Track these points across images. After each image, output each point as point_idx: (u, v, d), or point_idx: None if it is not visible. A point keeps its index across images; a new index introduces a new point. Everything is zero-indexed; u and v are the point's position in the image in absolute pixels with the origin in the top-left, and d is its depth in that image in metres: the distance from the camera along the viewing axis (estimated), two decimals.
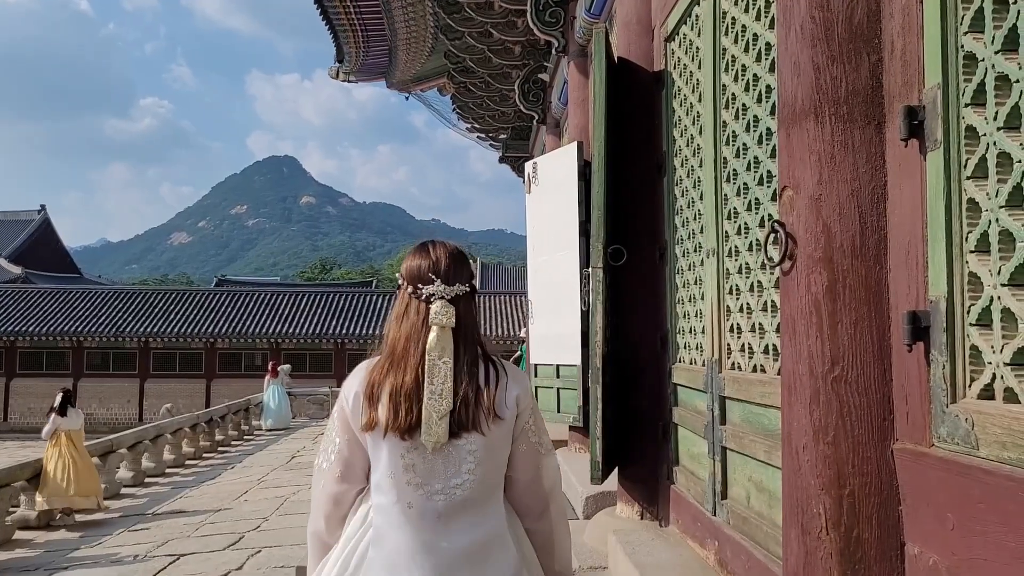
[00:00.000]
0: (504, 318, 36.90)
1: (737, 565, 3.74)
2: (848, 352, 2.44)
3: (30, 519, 9.22)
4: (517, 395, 2.01)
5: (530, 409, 2.06)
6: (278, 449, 15.24)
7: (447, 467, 1.92)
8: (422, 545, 1.89)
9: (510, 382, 2.02)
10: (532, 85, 13.18)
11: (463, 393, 1.92)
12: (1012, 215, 1.95)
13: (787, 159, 2.68)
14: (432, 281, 1.98)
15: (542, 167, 8.52)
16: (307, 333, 35.70)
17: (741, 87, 3.88)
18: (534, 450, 2.07)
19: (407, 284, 2.02)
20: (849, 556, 2.39)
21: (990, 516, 1.93)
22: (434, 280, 1.98)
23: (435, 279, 1.99)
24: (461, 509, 1.92)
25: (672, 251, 5.17)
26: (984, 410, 2.01)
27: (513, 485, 2.07)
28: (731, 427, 3.98)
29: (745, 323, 3.83)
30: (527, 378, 2.16)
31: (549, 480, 2.12)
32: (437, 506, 1.91)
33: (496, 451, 1.98)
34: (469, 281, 2.05)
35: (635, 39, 5.65)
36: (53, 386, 11.48)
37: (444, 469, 1.92)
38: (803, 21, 2.58)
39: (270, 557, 6.63)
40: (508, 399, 1.99)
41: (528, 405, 2.05)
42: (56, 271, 48.27)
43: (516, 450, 2.04)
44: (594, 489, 6.06)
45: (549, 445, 2.13)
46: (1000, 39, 1.98)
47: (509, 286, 48.15)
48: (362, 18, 13.03)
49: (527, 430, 2.05)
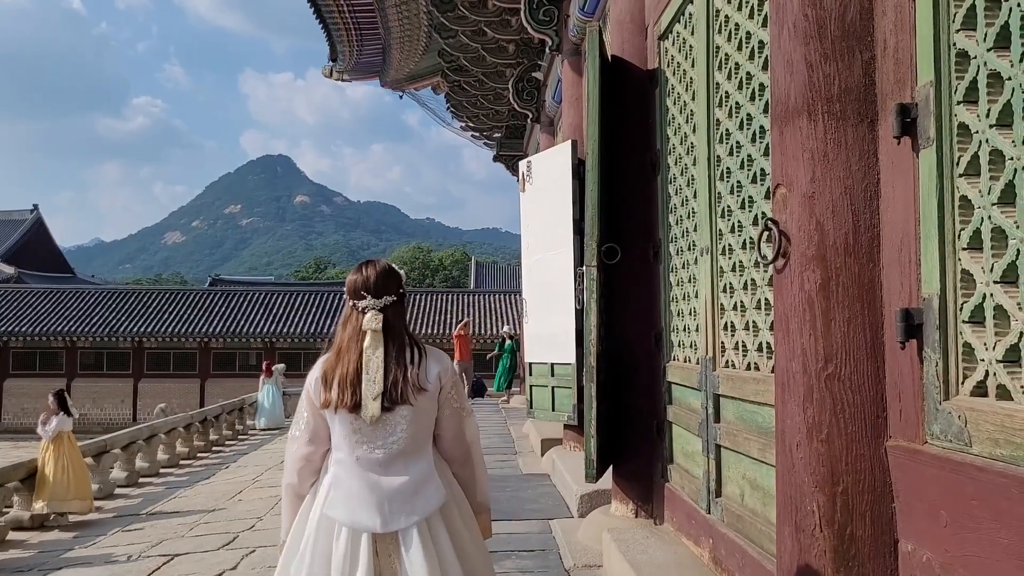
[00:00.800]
0: (499, 317, 36.86)
1: (731, 563, 3.75)
2: (841, 350, 2.44)
3: (23, 520, 9.18)
4: (438, 372, 2.61)
5: (451, 382, 2.66)
6: (272, 449, 15.21)
7: (385, 430, 2.52)
8: (368, 485, 2.51)
9: (431, 363, 2.61)
10: (526, 84, 13.17)
11: (393, 376, 2.51)
12: (1004, 212, 1.95)
13: (780, 157, 2.69)
14: (364, 297, 2.59)
15: (536, 166, 8.51)
16: (302, 332, 35.65)
17: (734, 85, 3.88)
18: (456, 413, 2.67)
19: (348, 298, 2.64)
20: (843, 553, 2.39)
21: (983, 513, 1.94)
22: (366, 296, 2.59)
23: (367, 295, 2.59)
24: (397, 458, 2.54)
25: (666, 249, 5.17)
26: (977, 407, 2.01)
27: (441, 440, 2.68)
28: (725, 425, 3.98)
29: (739, 321, 3.83)
30: (447, 358, 2.73)
31: (470, 435, 2.74)
32: (378, 457, 2.53)
33: (423, 415, 2.57)
34: (396, 291, 2.63)
35: (629, 37, 5.65)
36: (47, 386, 11.43)
37: (383, 432, 2.52)
38: (796, 19, 2.58)
39: (264, 557, 6.61)
40: (431, 376, 2.58)
41: (449, 379, 2.64)
42: (49, 271, 48.09)
43: (442, 414, 2.64)
44: (588, 487, 6.07)
45: (469, 409, 2.77)
46: (992, 37, 1.99)
47: (504, 285, 48.15)
48: (356, 17, 13.01)
49: (450, 398, 2.65)
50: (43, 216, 53.03)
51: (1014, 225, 1.91)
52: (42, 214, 52.94)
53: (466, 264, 71.47)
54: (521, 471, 8.98)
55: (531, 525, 6.23)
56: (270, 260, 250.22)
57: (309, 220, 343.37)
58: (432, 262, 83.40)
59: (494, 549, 5.56)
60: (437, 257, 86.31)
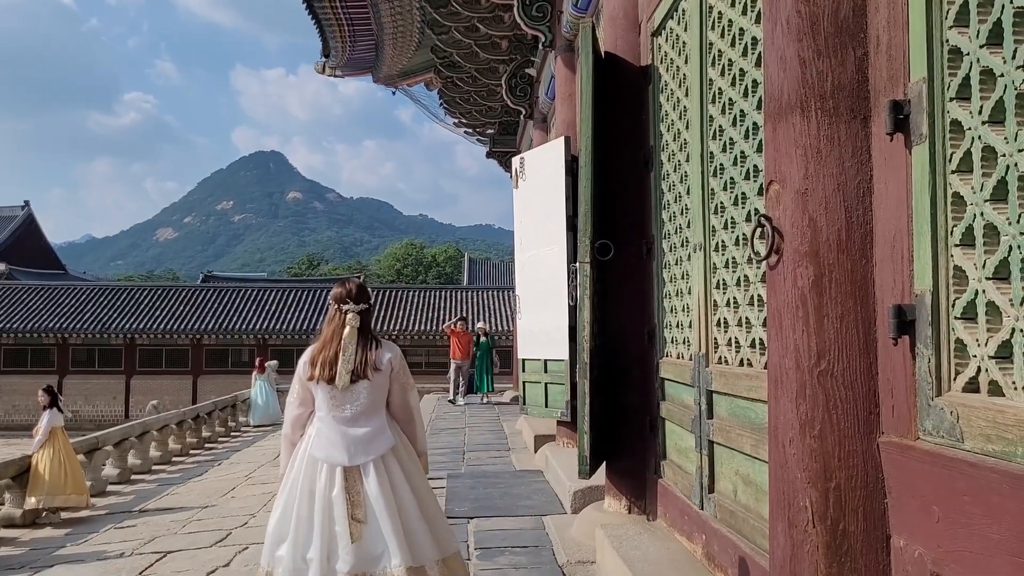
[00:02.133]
0: (492, 314, 36.88)
1: (724, 559, 3.76)
2: (834, 346, 2.45)
3: (15, 517, 9.15)
4: (389, 358, 3.68)
5: (400, 365, 3.73)
6: (265, 445, 15.19)
7: (352, 396, 3.59)
8: (340, 434, 3.58)
9: (384, 351, 3.69)
10: (519, 80, 13.16)
11: (361, 358, 3.58)
12: (996, 209, 1.96)
13: (773, 153, 2.69)
14: (347, 302, 3.66)
15: (529, 162, 8.51)
16: (294, 329, 35.60)
17: (728, 81, 3.88)
18: (403, 387, 3.78)
19: (335, 303, 3.69)
20: (835, 549, 2.40)
21: (975, 508, 1.94)
22: (348, 302, 3.66)
23: (349, 301, 3.67)
24: (360, 416, 3.60)
25: (659, 245, 5.18)
26: (969, 403, 2.02)
27: (392, 406, 3.76)
28: (718, 421, 3.99)
29: (732, 317, 3.84)
30: (397, 348, 3.79)
31: (412, 403, 3.85)
32: (347, 415, 3.59)
33: (378, 388, 3.64)
34: (368, 301, 3.72)
35: (622, 34, 5.65)
36: (38, 383, 11.37)
37: (350, 397, 3.59)
38: (789, 15, 2.58)
39: (257, 554, 6.60)
40: (383, 360, 3.65)
41: (398, 362, 3.72)
42: (40, 267, 47.86)
43: (392, 388, 3.73)
44: (582, 484, 6.08)
45: (412, 384, 3.86)
46: (985, 33, 1.99)
47: (496, 281, 48.12)
48: (348, 13, 12.97)
49: (397, 377, 3.73)
50: (34, 212, 52.77)
51: (1006, 222, 1.92)
52: (33, 210, 52.67)
53: (459, 260, 71.44)
54: (514, 467, 8.99)
55: (524, 521, 6.24)
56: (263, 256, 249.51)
57: (302, 216, 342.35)
58: (425, 258, 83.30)
59: (488, 545, 5.57)
60: (430, 253, 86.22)
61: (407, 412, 3.78)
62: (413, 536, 3.50)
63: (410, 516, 3.53)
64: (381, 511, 3.44)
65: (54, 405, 9.74)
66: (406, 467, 3.61)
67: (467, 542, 5.62)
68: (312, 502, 3.52)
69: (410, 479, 3.59)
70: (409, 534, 3.49)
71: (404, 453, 3.65)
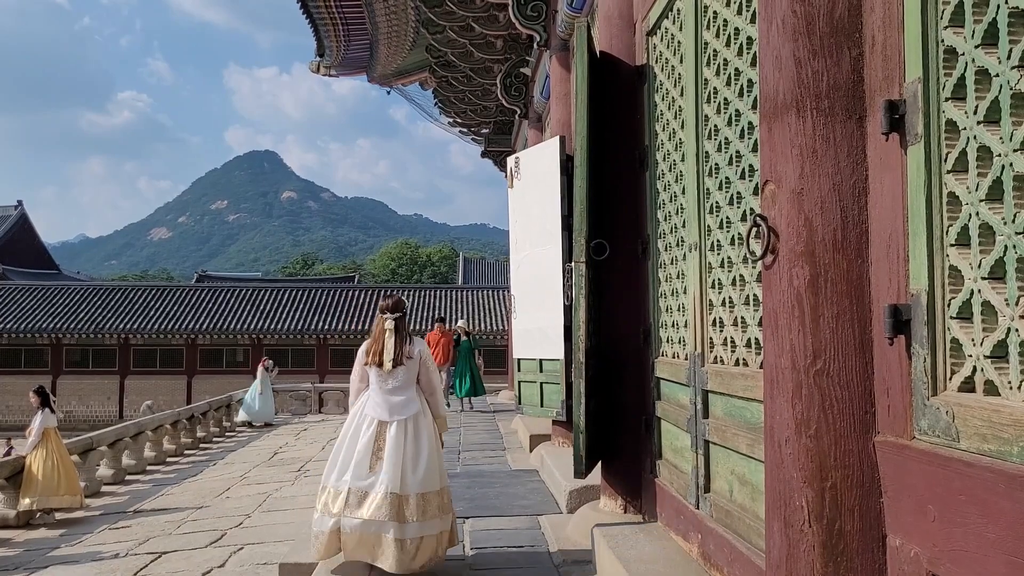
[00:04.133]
0: (486, 313, 36.89)
1: (720, 558, 3.76)
2: (830, 345, 2.45)
3: (9, 518, 9.12)
4: (418, 350, 5.23)
5: (425, 355, 5.30)
6: (261, 445, 15.15)
7: (392, 376, 5.08)
8: (384, 400, 5.06)
9: (415, 345, 5.23)
10: (514, 79, 13.15)
11: (397, 351, 5.11)
12: (992, 209, 1.96)
13: (769, 153, 2.69)
14: (387, 313, 5.25)
15: (524, 161, 8.51)
16: (289, 329, 35.53)
17: (723, 81, 3.88)
18: (427, 370, 5.29)
19: (380, 313, 5.29)
20: (831, 548, 2.40)
21: (970, 508, 1.95)
22: (387, 312, 5.25)
23: (388, 312, 5.25)
24: (397, 389, 5.09)
25: (655, 245, 5.18)
26: (965, 403, 2.02)
27: (421, 383, 5.25)
28: (714, 421, 3.99)
29: (727, 317, 3.84)
30: (423, 342, 5.38)
31: (435, 380, 5.39)
32: (388, 388, 5.08)
33: (410, 370, 5.15)
34: (402, 310, 5.32)
35: (617, 33, 5.64)
36: (32, 384, 11.34)
37: (391, 376, 5.08)
38: (784, 15, 2.58)
39: (252, 554, 6.59)
40: (414, 352, 5.18)
41: (424, 353, 5.29)
42: (34, 267, 47.70)
43: (420, 371, 5.24)
44: (577, 483, 6.08)
45: (434, 367, 5.48)
46: (980, 33, 1.99)
47: (492, 280, 48.12)
48: (343, 12, 12.95)
49: (424, 363, 5.27)
50: (27, 212, 52.59)
51: (1001, 222, 1.92)
52: (26, 210, 52.49)
53: (454, 260, 71.39)
54: (510, 467, 8.99)
55: (520, 521, 6.24)
56: (257, 256, 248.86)
57: (296, 216, 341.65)
58: (420, 258, 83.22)
59: (484, 545, 5.57)
60: (425, 253, 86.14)
61: (431, 387, 5.33)
62: (405, 475, 4.89)
63: (408, 462, 4.93)
64: (390, 454, 4.91)
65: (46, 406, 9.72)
66: (419, 429, 5.05)
67: (463, 542, 5.62)
68: (355, 444, 5.02)
69: (419, 438, 5.02)
70: (404, 473, 4.89)
71: (422, 419, 5.10)
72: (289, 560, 5.48)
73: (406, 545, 4.78)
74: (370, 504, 4.81)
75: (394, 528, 4.76)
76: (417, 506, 4.83)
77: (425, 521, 4.85)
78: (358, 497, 4.85)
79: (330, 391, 24.55)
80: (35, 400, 9.78)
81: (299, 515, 7.68)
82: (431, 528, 4.89)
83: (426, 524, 4.86)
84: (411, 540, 4.80)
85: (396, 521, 4.77)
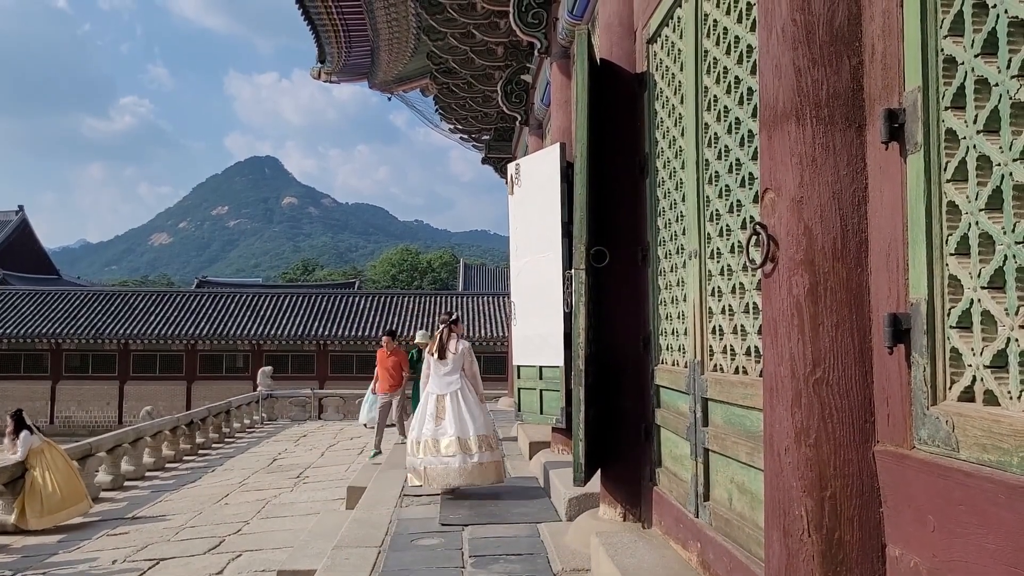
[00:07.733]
0: (487, 319, 36.87)
1: (719, 567, 3.75)
2: (829, 354, 2.45)
3: (7, 524, 9.11)
4: (463, 347, 7.79)
5: (468, 351, 7.84)
6: (260, 452, 15.13)
7: (444, 363, 7.72)
8: (439, 380, 7.71)
9: (460, 343, 7.83)
10: (515, 86, 13.17)
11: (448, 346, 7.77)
12: (992, 218, 1.96)
13: (769, 161, 2.69)
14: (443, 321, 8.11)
15: (525, 168, 8.51)
16: (289, 335, 35.50)
17: (723, 89, 3.89)
18: (469, 362, 7.81)
19: (439, 322, 8.33)
20: (831, 558, 2.39)
21: (970, 518, 1.94)
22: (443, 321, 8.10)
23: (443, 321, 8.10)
24: (449, 373, 7.69)
25: (654, 252, 5.17)
26: (964, 412, 2.01)
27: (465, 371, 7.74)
28: (713, 429, 3.98)
29: (727, 325, 3.83)
30: (466, 342, 7.85)
31: (475, 370, 7.88)
32: (441, 373, 7.71)
33: (457, 361, 7.72)
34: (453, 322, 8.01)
35: (617, 41, 5.65)
36: (32, 389, 11.38)
37: (444, 364, 7.72)
38: (784, 24, 2.58)
39: (251, 561, 6.58)
40: (461, 347, 7.79)
41: (467, 348, 7.85)
42: (34, 272, 47.69)
43: (463, 363, 7.75)
44: (577, 491, 6.06)
45: (474, 359, 7.94)
46: (980, 42, 1.99)
47: (492, 287, 48.12)
48: (344, 18, 12.97)
49: (465, 356, 7.78)
50: (28, 217, 52.61)
51: (1001, 231, 1.92)
52: (27, 215, 52.52)
53: (454, 266, 71.41)
54: (509, 474, 8.96)
55: (519, 529, 6.22)
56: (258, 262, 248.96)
57: (297, 222, 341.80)
58: (420, 264, 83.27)
59: (483, 553, 5.55)
60: (425, 259, 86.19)
61: (472, 374, 7.69)
62: (464, 424, 7.32)
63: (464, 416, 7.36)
64: (449, 414, 7.36)
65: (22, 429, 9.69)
66: (465, 397, 7.48)
67: (461, 550, 5.60)
68: (424, 411, 7.51)
69: (466, 401, 7.46)
70: (461, 424, 7.31)
71: (467, 391, 7.54)
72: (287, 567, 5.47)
73: (470, 468, 7.18)
74: (445, 447, 7.25)
75: (460, 458, 7.18)
76: (475, 442, 7.25)
77: (481, 452, 7.28)
78: (433, 442, 7.29)
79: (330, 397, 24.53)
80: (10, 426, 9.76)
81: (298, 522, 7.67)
82: (486, 457, 7.33)
83: (483, 455, 7.29)
84: (473, 465, 7.19)
85: (463, 453, 7.18)
